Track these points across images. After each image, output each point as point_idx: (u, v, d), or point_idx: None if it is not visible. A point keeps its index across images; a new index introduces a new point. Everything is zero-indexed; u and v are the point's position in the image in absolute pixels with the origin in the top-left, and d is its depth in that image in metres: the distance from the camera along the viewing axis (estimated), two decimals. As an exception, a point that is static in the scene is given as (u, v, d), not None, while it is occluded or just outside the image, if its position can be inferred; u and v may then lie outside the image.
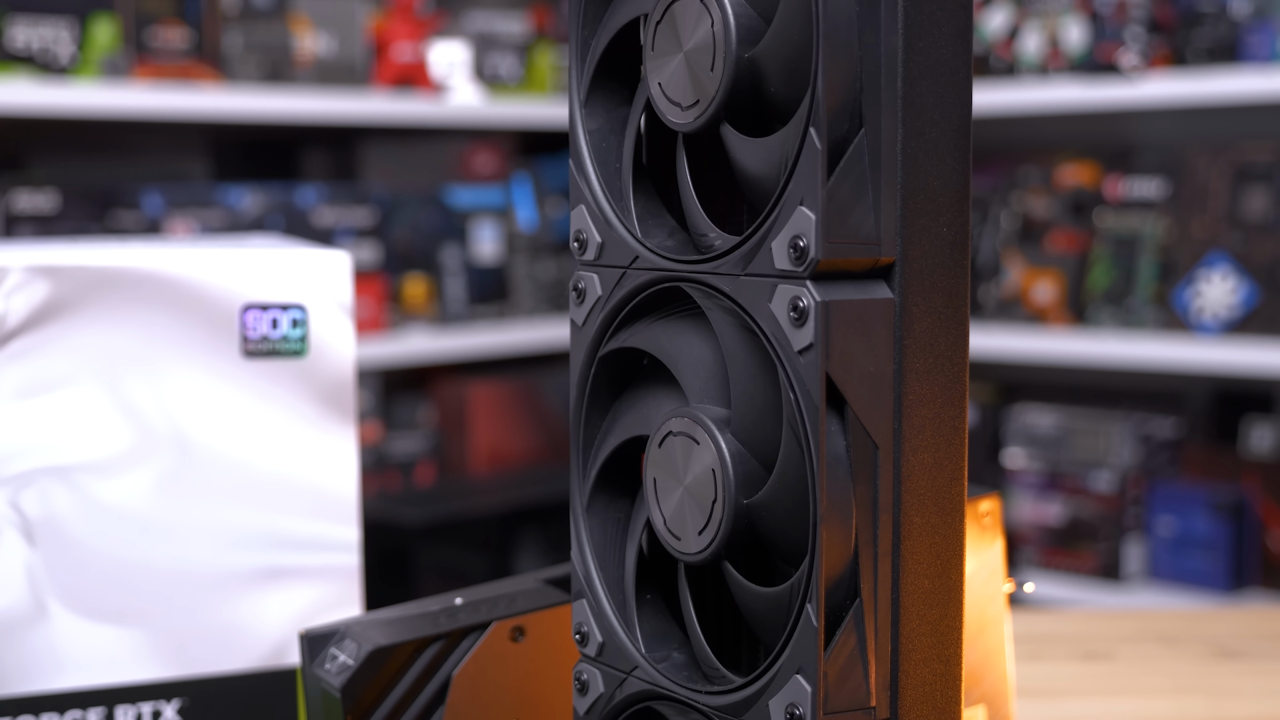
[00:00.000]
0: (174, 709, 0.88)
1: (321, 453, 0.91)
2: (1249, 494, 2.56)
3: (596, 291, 0.63)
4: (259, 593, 0.90)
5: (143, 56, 2.46)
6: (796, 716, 0.55)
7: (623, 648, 0.63)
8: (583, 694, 0.65)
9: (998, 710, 0.85)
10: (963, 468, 0.57)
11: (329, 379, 0.91)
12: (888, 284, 0.56)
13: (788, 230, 0.54)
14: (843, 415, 0.55)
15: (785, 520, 0.57)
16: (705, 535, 0.59)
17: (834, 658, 0.55)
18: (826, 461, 0.54)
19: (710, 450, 0.58)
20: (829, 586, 0.55)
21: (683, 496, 0.59)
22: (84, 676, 0.87)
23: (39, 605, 0.86)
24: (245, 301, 0.89)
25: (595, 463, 0.65)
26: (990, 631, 0.84)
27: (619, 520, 0.65)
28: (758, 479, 0.58)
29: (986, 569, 0.84)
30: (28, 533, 0.86)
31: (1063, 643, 1.23)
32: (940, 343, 0.56)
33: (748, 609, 0.59)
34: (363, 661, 0.70)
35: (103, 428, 0.87)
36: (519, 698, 0.73)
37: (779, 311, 0.55)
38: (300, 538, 0.90)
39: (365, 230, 2.68)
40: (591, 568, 0.64)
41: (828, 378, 0.54)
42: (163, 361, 0.88)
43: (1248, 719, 1.07)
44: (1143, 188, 2.65)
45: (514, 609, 0.74)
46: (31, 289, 0.86)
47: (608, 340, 0.63)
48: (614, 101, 0.64)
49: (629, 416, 0.64)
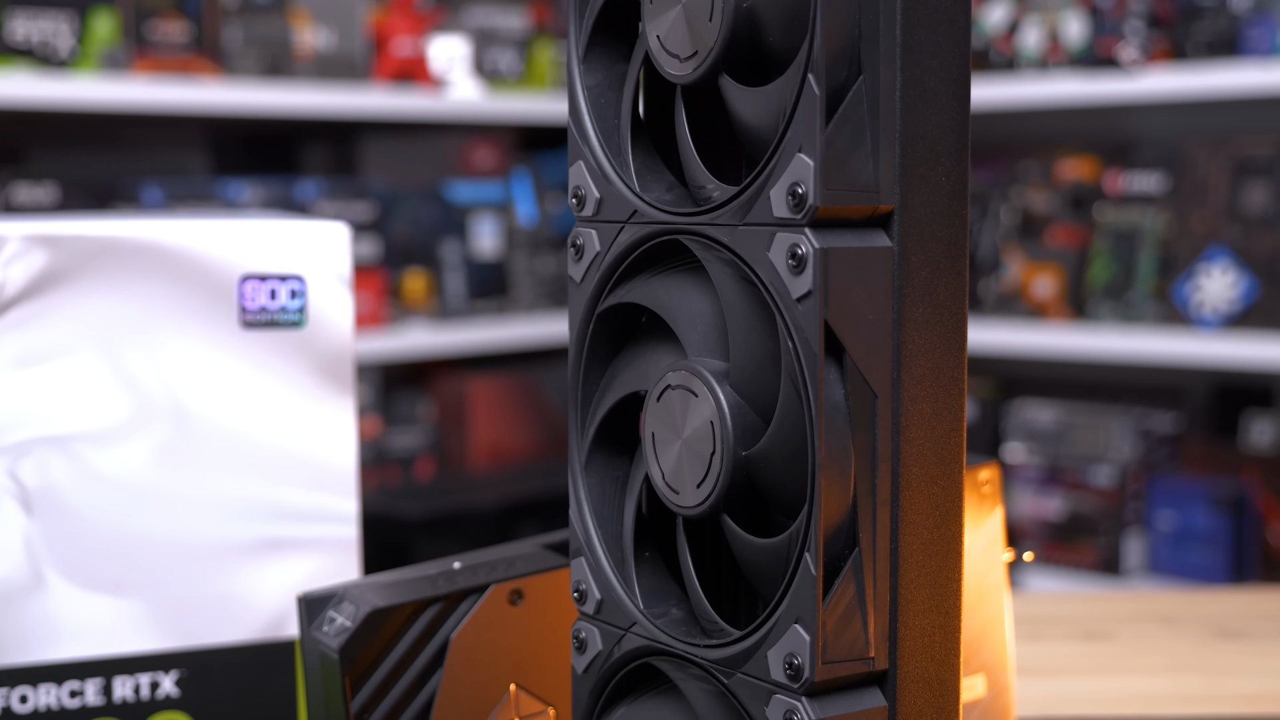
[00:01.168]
0: (172, 680, 0.88)
1: (320, 424, 0.91)
2: (1249, 488, 2.56)
3: (595, 247, 0.63)
4: (257, 564, 0.90)
5: (142, 50, 2.46)
6: (795, 666, 0.55)
7: (621, 605, 0.63)
8: (581, 652, 0.65)
9: (996, 679, 0.84)
10: (962, 419, 0.57)
11: (327, 350, 0.91)
12: (886, 233, 0.55)
13: (786, 178, 0.54)
14: (841, 364, 0.55)
15: (784, 471, 0.56)
16: (704, 488, 0.58)
17: (832, 607, 0.55)
18: (825, 410, 0.54)
19: (709, 402, 0.58)
20: (827, 536, 0.55)
21: (681, 450, 0.59)
22: (82, 647, 0.87)
23: (37, 575, 0.86)
24: (243, 272, 0.89)
25: (593, 420, 0.64)
26: (990, 600, 0.84)
27: (617, 479, 0.65)
28: (756, 430, 0.57)
29: (986, 538, 0.84)
30: (25, 502, 0.86)
31: (1062, 624, 1.23)
32: (939, 292, 0.56)
33: (746, 561, 0.58)
34: (361, 623, 0.70)
35: (101, 397, 0.87)
36: (517, 660, 0.73)
37: (777, 260, 0.55)
38: (299, 509, 0.90)
39: (365, 225, 2.68)
40: (590, 526, 0.64)
41: (826, 325, 0.54)
42: (161, 332, 0.88)
43: (1247, 696, 1.06)
44: (1143, 182, 2.65)
45: (512, 572, 0.74)
46: (29, 258, 0.86)
47: (606, 296, 0.63)
48: (612, 58, 0.64)
49: (627, 373, 0.63)
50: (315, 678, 0.72)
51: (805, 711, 0.55)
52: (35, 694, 0.86)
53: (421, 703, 0.71)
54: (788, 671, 0.55)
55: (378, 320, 2.68)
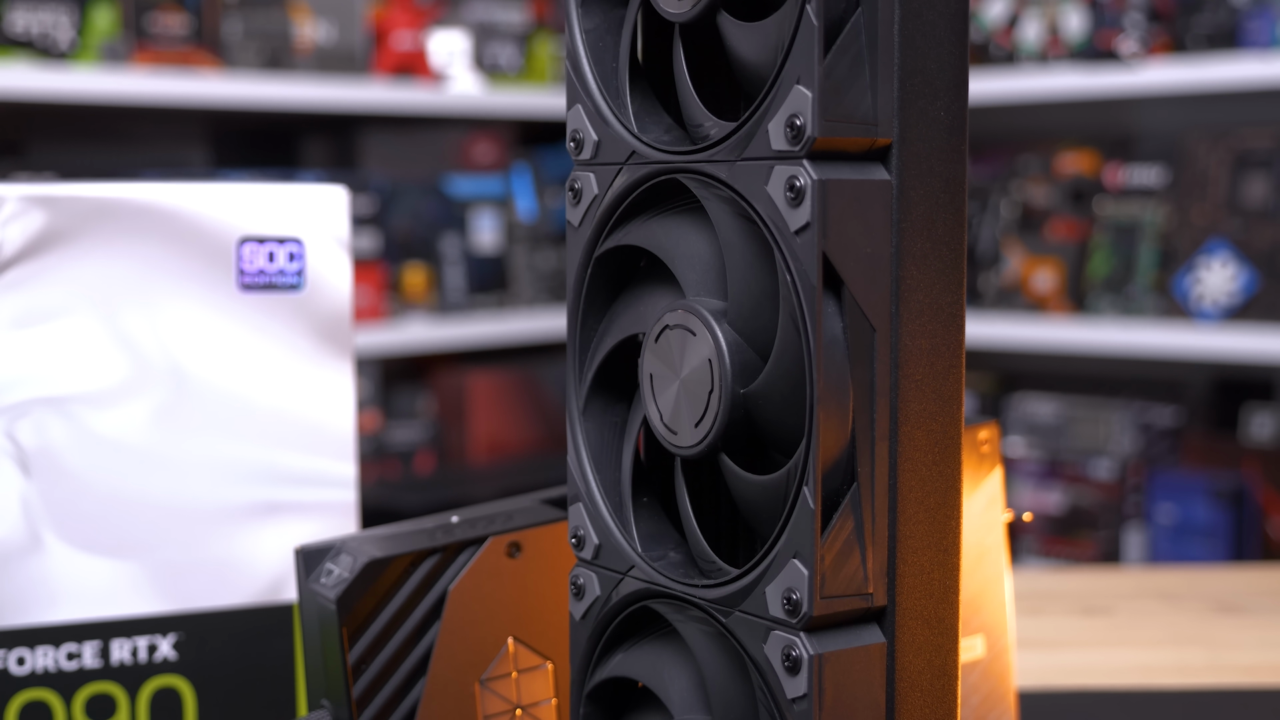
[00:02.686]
0: (169, 643, 0.88)
1: (318, 387, 0.90)
2: (1249, 481, 2.56)
3: (593, 190, 0.63)
4: (255, 527, 0.89)
5: (142, 42, 2.46)
6: (793, 601, 0.55)
7: (619, 549, 0.63)
8: (579, 598, 0.65)
9: (996, 641, 0.84)
10: (960, 356, 0.57)
11: (326, 313, 0.91)
12: (884, 166, 0.55)
13: (784, 110, 0.54)
14: (839, 298, 0.55)
15: (782, 408, 0.56)
16: (702, 427, 0.58)
17: (831, 542, 0.55)
18: (823, 343, 0.54)
19: (707, 341, 0.58)
20: (825, 470, 0.55)
21: (679, 390, 0.59)
22: (79, 609, 0.87)
23: (34, 536, 0.86)
24: (242, 234, 0.89)
25: (591, 365, 0.64)
26: (989, 560, 0.84)
27: (616, 425, 0.65)
28: (754, 368, 0.57)
29: (985, 497, 0.84)
30: (23, 463, 0.86)
31: (1062, 599, 1.23)
32: (938, 227, 0.56)
33: (744, 500, 0.58)
34: (358, 573, 0.70)
35: (98, 359, 0.87)
36: (515, 614, 0.73)
37: (775, 193, 0.55)
38: (297, 473, 0.90)
39: (364, 219, 2.68)
40: (588, 471, 0.64)
41: (824, 258, 0.54)
42: (159, 293, 0.88)
43: (1248, 667, 1.06)
44: (1142, 175, 2.65)
45: (510, 525, 0.73)
46: (27, 218, 0.85)
47: (604, 240, 0.63)
48: (611, 2, 0.64)
49: (626, 316, 0.63)
50: (313, 630, 0.72)
51: (803, 646, 0.55)
52: (32, 656, 0.86)
53: (419, 655, 0.71)
54: (786, 607, 0.55)
55: (377, 314, 2.68)
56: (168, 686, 0.88)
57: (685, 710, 0.61)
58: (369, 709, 0.70)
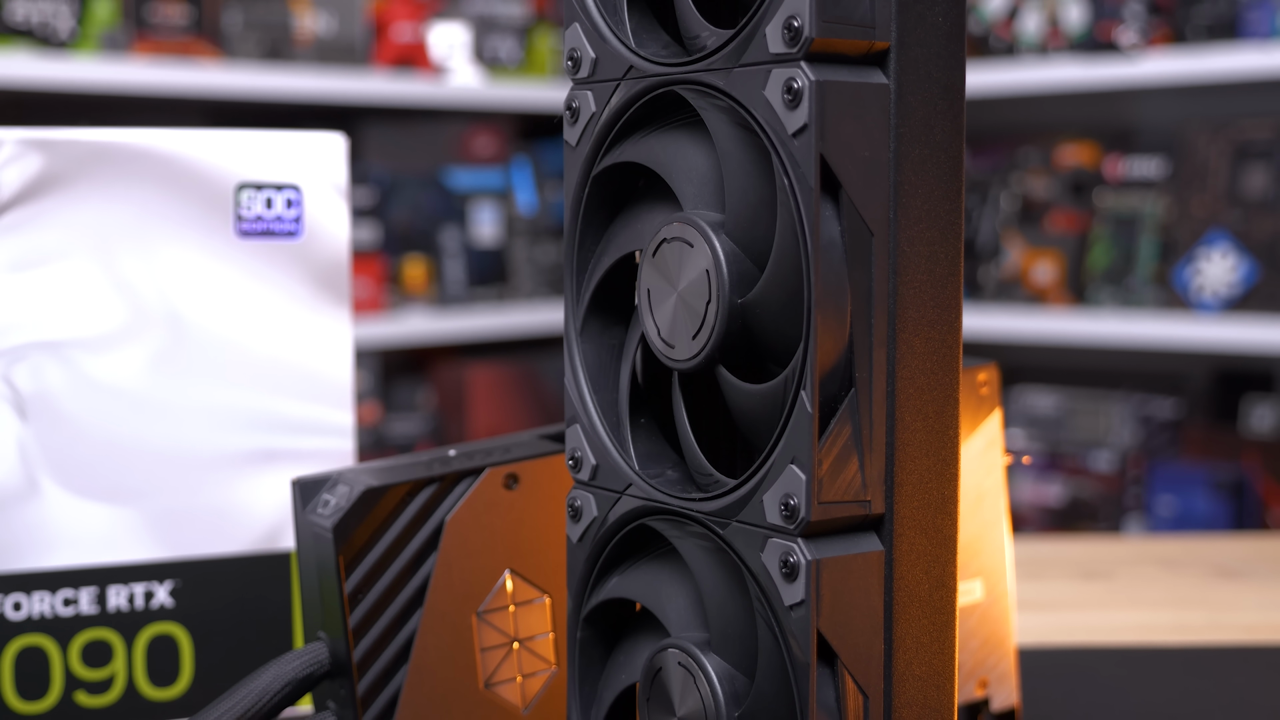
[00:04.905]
0: (166, 590, 0.88)
1: (316, 335, 0.90)
2: (1249, 473, 2.55)
3: (590, 108, 0.63)
4: (253, 475, 0.89)
5: (142, 32, 2.46)
6: (791, 507, 0.55)
7: (616, 468, 0.63)
8: (576, 520, 0.65)
9: (995, 586, 0.84)
10: (958, 264, 0.57)
11: (323, 261, 0.90)
12: (882, 71, 0.55)
13: (781, 12, 0.54)
14: (837, 201, 0.55)
15: (779, 317, 0.56)
16: (699, 339, 0.58)
17: (828, 447, 0.55)
18: (821, 245, 0.54)
19: (705, 252, 0.57)
20: (823, 375, 0.54)
21: (676, 303, 0.59)
22: (76, 555, 0.86)
23: (31, 481, 0.86)
24: (240, 180, 0.89)
25: (589, 285, 0.64)
26: (988, 503, 0.84)
27: (613, 347, 0.65)
28: (751, 278, 0.57)
29: (984, 439, 0.83)
30: (19, 407, 0.85)
31: (1061, 565, 1.23)
32: (936, 133, 0.56)
33: (741, 411, 0.58)
34: (355, 501, 0.70)
35: (96, 303, 0.86)
36: (512, 546, 0.73)
37: (773, 96, 0.54)
38: (294, 421, 0.90)
39: (364, 210, 2.68)
40: (585, 392, 0.64)
41: (822, 160, 0.54)
42: (157, 238, 0.87)
43: (1247, 626, 1.06)
44: (1142, 167, 2.65)
45: (508, 457, 0.73)
46: (25, 161, 0.85)
47: (601, 158, 0.63)
48: (608, -78, 0.64)
49: (624, 235, 0.63)
50: (309, 560, 0.72)
51: (801, 552, 0.55)
52: (29, 601, 0.85)
53: (416, 586, 0.71)
54: (783, 513, 0.55)
55: (377, 306, 2.67)
56: (164, 634, 0.88)
57: (683, 629, 0.61)
58: (365, 639, 0.70)
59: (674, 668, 0.60)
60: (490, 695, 0.72)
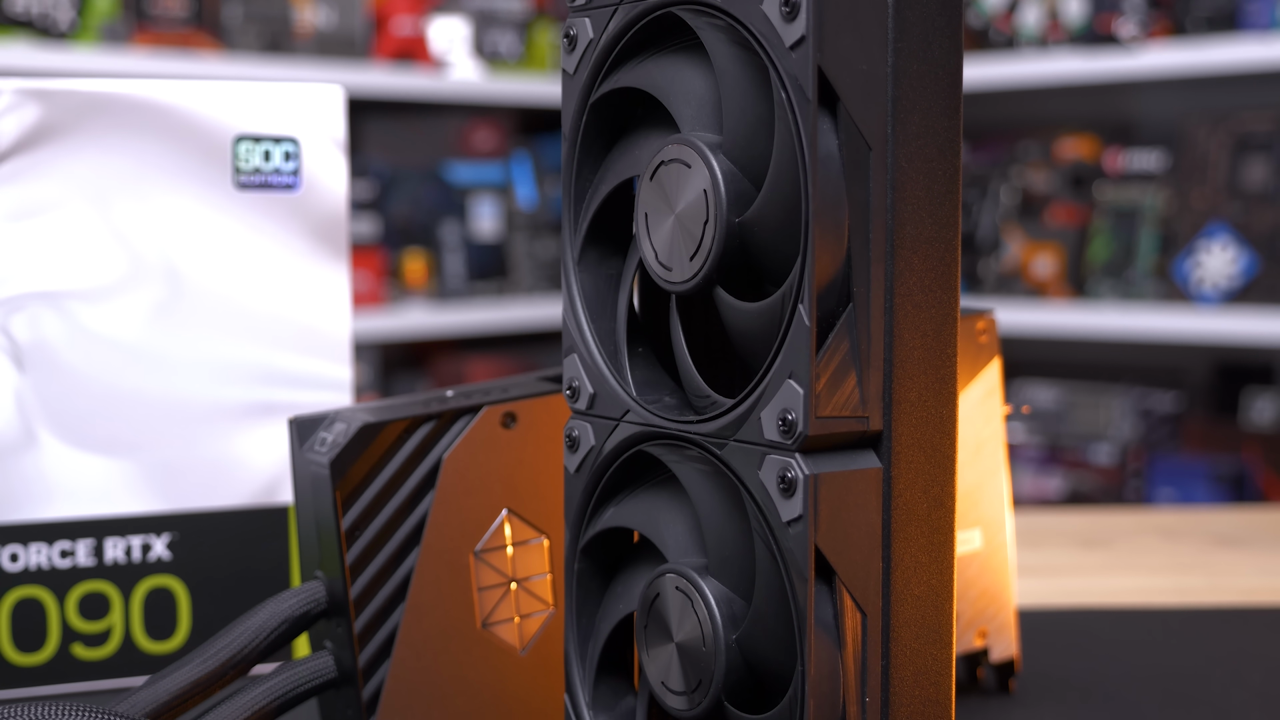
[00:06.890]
0: (163, 543, 0.88)
1: (314, 288, 0.90)
2: (1250, 466, 2.55)
3: (588, 35, 0.63)
4: (250, 428, 0.89)
5: (142, 24, 2.46)
6: (789, 422, 0.55)
7: (614, 395, 0.62)
8: (573, 450, 0.64)
9: (993, 536, 0.84)
10: (957, 182, 0.57)
11: (321, 213, 0.90)
12: (880, -15, 0.55)
13: (779, -75, 0.54)
14: (835, 115, 0.54)
15: (777, 235, 0.56)
16: (696, 260, 0.58)
17: (826, 361, 0.54)
18: (819, 158, 0.54)
19: (702, 172, 0.57)
20: (821, 290, 0.54)
21: (674, 225, 0.59)
22: (73, 506, 0.86)
23: (28, 432, 0.85)
24: (237, 132, 0.89)
25: (587, 214, 0.64)
26: (987, 452, 0.84)
27: (611, 277, 0.65)
28: (749, 198, 0.57)
29: (983, 388, 0.83)
30: (17, 358, 0.85)
31: (1061, 534, 1.23)
32: (934, 49, 0.56)
33: (739, 331, 0.58)
34: (352, 438, 0.70)
35: (94, 254, 0.86)
36: (510, 485, 0.73)
37: (770, 9, 0.54)
38: (292, 374, 0.90)
39: (364, 204, 2.68)
40: (583, 320, 0.64)
41: (820, 72, 0.53)
42: (154, 189, 0.87)
43: (1247, 589, 1.06)
44: (1142, 160, 2.65)
45: (506, 396, 0.73)
46: (22, 111, 0.85)
47: (599, 84, 0.63)
48: None
49: (621, 162, 0.63)
50: (306, 497, 0.71)
51: (799, 467, 0.54)
52: (26, 553, 0.85)
53: (414, 523, 0.71)
54: (781, 428, 0.55)
55: (377, 300, 2.67)
56: (161, 586, 0.87)
57: (681, 555, 0.60)
58: (362, 577, 0.70)
59: (671, 593, 0.59)
60: (487, 635, 0.72)
